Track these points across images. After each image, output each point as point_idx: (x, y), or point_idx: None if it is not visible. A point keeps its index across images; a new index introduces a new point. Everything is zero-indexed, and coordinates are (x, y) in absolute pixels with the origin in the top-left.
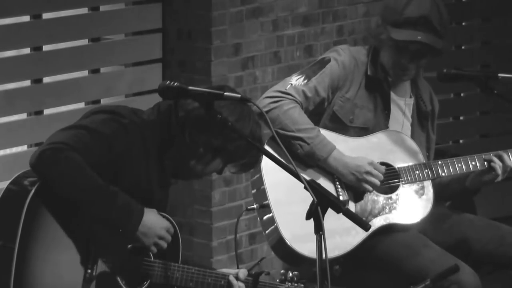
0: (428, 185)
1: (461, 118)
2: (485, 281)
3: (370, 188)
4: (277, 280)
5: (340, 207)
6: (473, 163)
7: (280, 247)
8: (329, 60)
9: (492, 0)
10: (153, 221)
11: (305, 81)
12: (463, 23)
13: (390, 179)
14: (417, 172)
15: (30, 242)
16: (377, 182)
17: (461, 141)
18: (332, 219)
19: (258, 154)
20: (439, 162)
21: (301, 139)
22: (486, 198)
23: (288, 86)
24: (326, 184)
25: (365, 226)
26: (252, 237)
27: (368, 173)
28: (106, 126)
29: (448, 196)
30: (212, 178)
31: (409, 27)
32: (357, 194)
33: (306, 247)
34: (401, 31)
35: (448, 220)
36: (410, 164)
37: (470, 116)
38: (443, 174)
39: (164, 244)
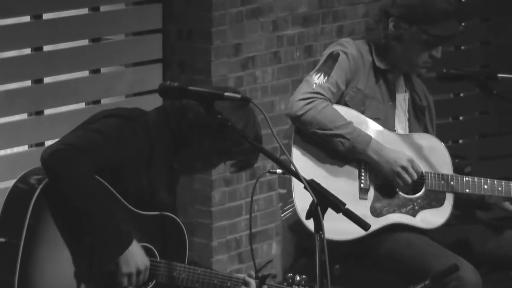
0: (449, 197)
1: (461, 118)
2: (485, 281)
3: (401, 183)
4: (284, 283)
5: (340, 207)
6: (499, 188)
7: (293, 219)
8: (338, 54)
9: (492, 0)
10: (138, 254)
11: (326, 77)
12: (463, 23)
13: (415, 181)
14: (443, 182)
15: (35, 239)
16: (409, 180)
17: (460, 141)
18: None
19: (258, 155)
20: (466, 179)
21: (341, 136)
22: None
23: (315, 86)
24: (350, 170)
25: (364, 226)
26: (252, 237)
27: (404, 168)
28: (118, 131)
29: (463, 205)
30: (212, 178)
31: (445, 20)
32: (381, 185)
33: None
34: (441, 26)
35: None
36: (438, 172)
37: (470, 116)
38: (467, 191)
39: (134, 281)
